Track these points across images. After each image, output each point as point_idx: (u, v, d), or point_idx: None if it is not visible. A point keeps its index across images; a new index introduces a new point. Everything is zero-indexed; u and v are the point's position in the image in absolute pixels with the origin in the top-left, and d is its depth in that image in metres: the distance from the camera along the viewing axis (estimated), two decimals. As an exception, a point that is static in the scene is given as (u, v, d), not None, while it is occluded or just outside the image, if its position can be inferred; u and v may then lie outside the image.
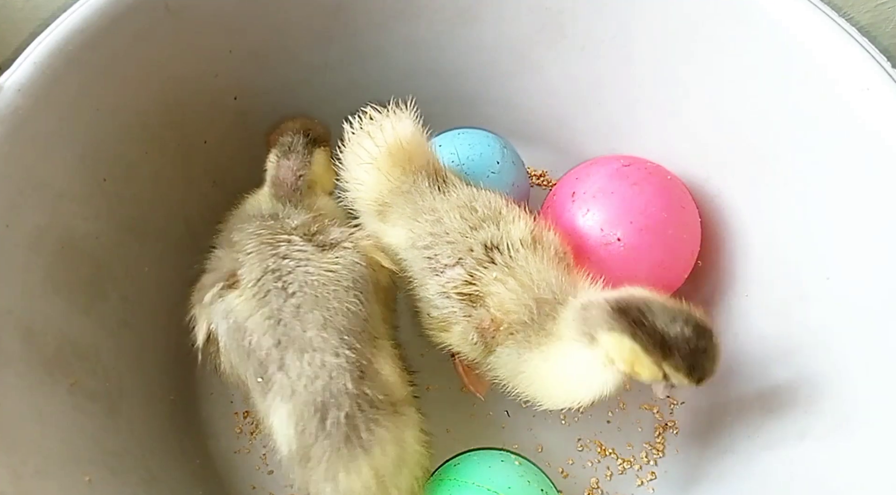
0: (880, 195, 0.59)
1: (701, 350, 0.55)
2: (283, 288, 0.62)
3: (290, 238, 0.65)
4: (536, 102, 0.92)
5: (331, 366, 0.59)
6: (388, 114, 0.71)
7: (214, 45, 0.77)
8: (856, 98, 0.60)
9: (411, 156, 0.70)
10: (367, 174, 0.71)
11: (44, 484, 0.55)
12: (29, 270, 0.61)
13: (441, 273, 0.65)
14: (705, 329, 0.56)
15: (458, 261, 0.65)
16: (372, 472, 0.57)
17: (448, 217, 0.67)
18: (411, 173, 0.70)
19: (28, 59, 0.62)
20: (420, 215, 0.68)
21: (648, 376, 0.57)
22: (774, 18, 0.66)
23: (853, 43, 0.61)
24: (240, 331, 0.61)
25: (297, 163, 0.72)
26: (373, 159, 0.70)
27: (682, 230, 0.75)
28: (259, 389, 0.61)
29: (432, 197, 0.69)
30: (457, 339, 0.66)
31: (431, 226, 0.67)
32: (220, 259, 0.67)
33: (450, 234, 0.66)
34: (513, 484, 0.64)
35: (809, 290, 0.66)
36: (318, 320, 0.60)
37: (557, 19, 0.81)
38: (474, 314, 0.64)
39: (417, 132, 0.71)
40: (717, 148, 0.77)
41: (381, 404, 0.59)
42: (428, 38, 0.87)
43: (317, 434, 0.57)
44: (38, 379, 0.60)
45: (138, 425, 0.70)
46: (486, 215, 0.67)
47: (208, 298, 0.63)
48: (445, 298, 0.65)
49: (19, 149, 0.60)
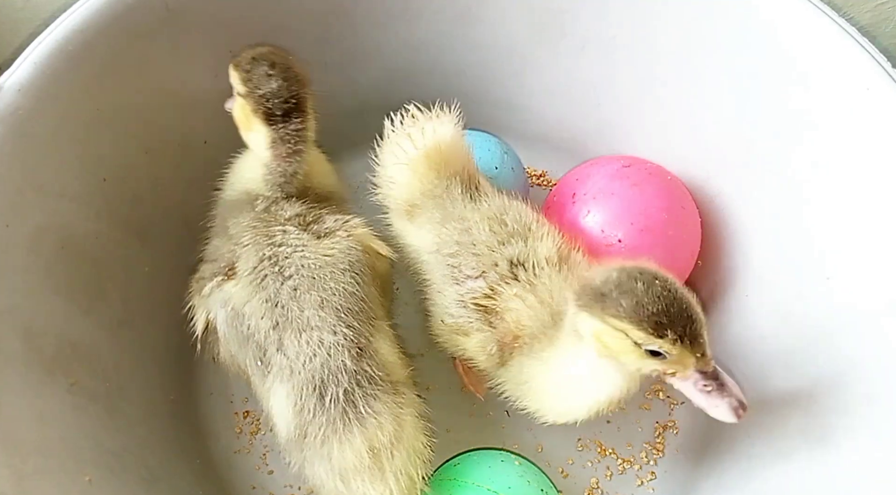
0: (880, 195, 0.59)
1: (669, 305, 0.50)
2: (280, 271, 0.62)
3: (286, 228, 0.65)
4: (536, 102, 0.92)
5: (329, 343, 0.59)
6: (430, 115, 0.70)
7: (214, 45, 0.77)
8: (856, 98, 0.60)
9: (448, 160, 0.69)
10: (402, 174, 0.70)
11: (44, 484, 0.55)
12: (29, 270, 0.61)
13: (462, 282, 0.65)
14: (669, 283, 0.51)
15: (481, 274, 0.64)
16: (366, 444, 0.57)
17: (477, 228, 0.66)
18: (445, 178, 0.69)
19: (28, 59, 0.62)
20: (449, 222, 0.67)
21: (629, 357, 0.53)
22: (774, 18, 0.66)
23: (853, 43, 0.61)
24: (238, 318, 0.62)
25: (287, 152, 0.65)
26: (409, 160, 0.69)
27: (682, 230, 0.75)
28: (259, 374, 0.62)
29: (463, 204, 0.68)
30: (474, 348, 0.65)
31: (459, 235, 0.66)
32: (218, 249, 0.66)
33: (476, 246, 0.65)
34: (513, 484, 0.64)
35: (809, 290, 0.66)
36: (316, 300, 0.61)
37: (558, 19, 0.81)
38: (499, 326, 0.63)
39: (457, 135, 0.70)
40: (718, 148, 0.77)
41: (379, 381, 0.59)
42: (428, 38, 0.87)
43: (315, 411, 0.58)
44: (38, 379, 0.59)
45: (138, 425, 0.69)
46: (515, 230, 0.66)
47: (207, 290, 0.64)
48: (462, 308, 0.64)
49: (19, 149, 0.60)
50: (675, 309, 0.50)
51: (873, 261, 0.60)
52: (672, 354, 0.51)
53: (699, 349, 0.51)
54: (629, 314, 0.51)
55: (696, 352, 0.51)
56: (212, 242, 0.69)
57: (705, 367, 0.52)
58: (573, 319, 0.56)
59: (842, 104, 0.61)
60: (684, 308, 0.51)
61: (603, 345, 0.54)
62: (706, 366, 0.52)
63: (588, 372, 0.58)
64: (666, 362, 0.52)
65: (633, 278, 0.52)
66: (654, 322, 0.50)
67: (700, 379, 0.53)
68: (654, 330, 0.50)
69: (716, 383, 0.53)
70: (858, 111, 0.60)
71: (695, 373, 0.53)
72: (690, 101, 0.78)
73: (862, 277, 0.61)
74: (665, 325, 0.50)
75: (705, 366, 0.52)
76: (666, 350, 0.51)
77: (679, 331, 0.50)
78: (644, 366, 0.53)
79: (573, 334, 0.57)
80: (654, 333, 0.50)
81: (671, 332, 0.50)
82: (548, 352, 0.60)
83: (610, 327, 0.52)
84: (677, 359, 0.52)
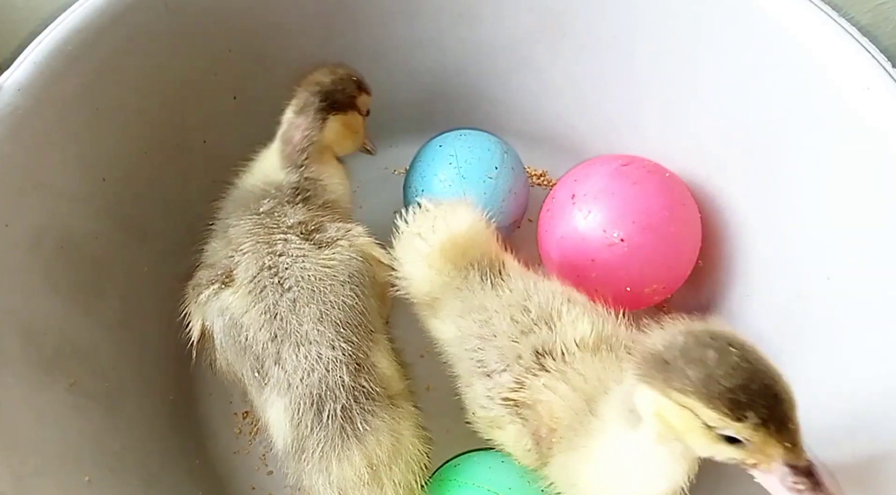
0: (881, 195, 0.59)
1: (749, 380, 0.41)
2: (280, 283, 0.62)
3: (287, 237, 0.65)
4: (536, 102, 0.92)
5: (327, 358, 0.59)
6: (443, 207, 0.68)
7: (214, 45, 0.77)
8: (856, 98, 0.60)
9: (465, 250, 0.66)
10: (418, 270, 0.67)
11: (44, 484, 0.55)
12: (28, 270, 0.61)
13: (488, 377, 0.60)
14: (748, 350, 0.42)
15: (505, 368, 0.59)
16: (365, 461, 0.57)
17: (497, 318, 0.61)
18: (463, 268, 0.65)
19: (28, 58, 0.62)
20: (468, 313, 0.63)
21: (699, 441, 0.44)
22: (774, 18, 0.66)
23: (853, 43, 0.61)
24: (236, 328, 0.62)
25: (307, 125, 0.70)
26: (424, 256, 0.66)
27: (683, 227, 0.75)
28: (256, 385, 0.61)
29: (483, 293, 0.64)
30: (510, 442, 0.61)
31: (479, 328, 0.62)
32: (217, 252, 0.66)
33: (498, 338, 0.60)
34: (513, 484, 0.64)
35: (810, 290, 0.66)
36: (315, 314, 0.61)
37: (558, 19, 0.81)
38: (530, 419, 0.57)
39: (476, 222, 0.67)
40: (718, 147, 0.77)
41: (377, 396, 0.59)
42: (428, 37, 0.87)
43: (312, 426, 0.57)
44: (37, 379, 0.59)
45: (138, 425, 0.69)
46: (539, 316, 0.60)
47: (203, 298, 0.64)
48: (491, 401, 0.60)
49: (19, 149, 0.60)
50: (757, 384, 0.41)
51: (873, 260, 0.60)
52: (753, 442, 0.41)
53: (788, 437, 0.41)
54: (698, 389, 0.41)
55: (783, 442, 0.41)
56: (210, 244, 0.68)
57: (796, 461, 0.42)
58: (629, 396, 0.48)
59: (842, 104, 0.61)
60: (768, 384, 0.41)
61: (666, 426, 0.45)
62: (797, 459, 0.42)
63: (645, 463, 0.49)
64: (745, 450, 0.42)
65: (702, 344, 0.42)
66: (730, 400, 0.41)
67: (789, 474, 0.42)
68: (729, 410, 0.41)
69: (810, 481, 0.42)
70: (858, 111, 0.60)
71: (782, 467, 0.43)
72: (691, 101, 0.78)
73: (862, 277, 0.61)
74: (744, 405, 0.40)
75: (796, 459, 0.42)
76: (745, 436, 0.41)
77: (762, 413, 0.40)
78: (717, 454, 0.44)
79: (623, 417, 0.49)
80: (730, 415, 0.41)
81: (752, 415, 0.40)
82: (590, 444, 0.53)
83: (674, 403, 0.43)
84: (759, 447, 0.42)
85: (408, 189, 0.85)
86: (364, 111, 0.75)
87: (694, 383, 0.42)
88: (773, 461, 0.42)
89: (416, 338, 0.76)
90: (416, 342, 0.76)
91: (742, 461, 0.44)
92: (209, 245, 0.69)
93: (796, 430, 0.42)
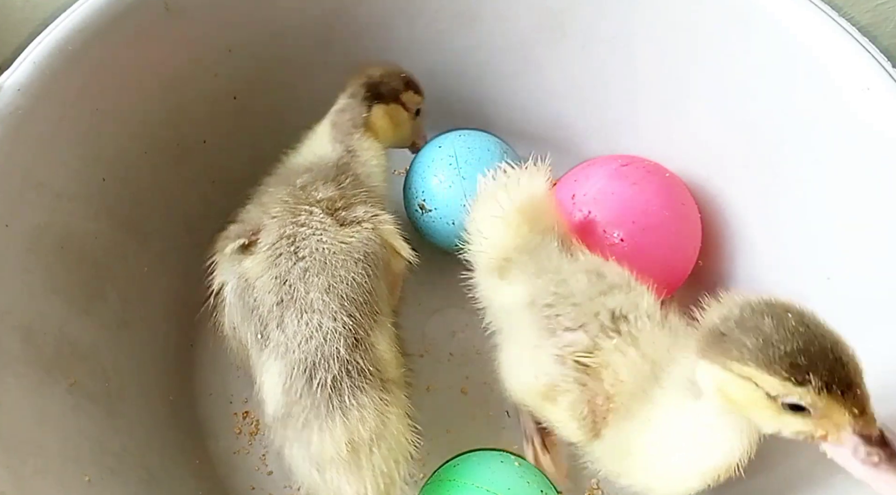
0: (881, 195, 0.59)
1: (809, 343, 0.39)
2: (294, 252, 0.63)
3: (312, 209, 0.66)
4: (536, 102, 0.92)
5: (327, 328, 0.59)
6: (524, 169, 0.69)
7: (214, 45, 0.77)
8: (856, 98, 0.60)
9: (541, 214, 0.66)
10: (495, 228, 0.67)
11: (44, 484, 0.55)
12: (28, 270, 0.61)
13: (559, 335, 0.59)
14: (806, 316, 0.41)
15: (580, 326, 0.58)
16: (346, 436, 0.56)
17: (574, 279, 0.61)
18: (539, 232, 0.66)
19: (28, 58, 0.62)
20: (543, 274, 0.63)
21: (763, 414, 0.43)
22: (775, 18, 0.66)
23: (853, 43, 0.61)
24: (248, 289, 0.63)
25: (354, 108, 0.76)
26: (503, 214, 0.66)
27: (683, 226, 0.75)
28: (256, 347, 0.62)
29: (560, 257, 0.64)
30: (563, 413, 0.58)
31: (556, 286, 0.61)
32: (249, 213, 0.69)
33: (575, 296, 0.60)
34: (512, 484, 0.64)
35: (810, 290, 0.66)
36: (323, 284, 0.61)
37: (558, 18, 0.81)
38: (589, 385, 0.56)
39: (550, 192, 0.68)
40: (718, 148, 0.77)
41: (370, 376, 0.59)
42: (428, 38, 0.87)
43: (302, 392, 0.58)
44: (37, 379, 0.59)
45: (138, 425, 0.69)
46: (614, 282, 0.60)
47: (229, 250, 0.65)
48: (560, 364, 0.58)
49: (19, 149, 0.60)
50: (817, 347, 0.39)
51: (873, 260, 0.60)
52: (818, 408, 0.40)
53: (856, 403, 0.39)
54: (756, 356, 0.40)
55: (851, 407, 0.40)
56: (247, 207, 0.70)
57: (867, 429, 0.40)
58: (691, 371, 0.47)
59: (842, 104, 0.61)
60: (829, 347, 0.39)
61: (729, 402, 0.44)
62: (868, 427, 0.40)
63: (705, 434, 0.48)
64: (812, 420, 0.41)
65: (758, 313, 0.42)
66: (790, 364, 0.39)
67: (861, 444, 0.40)
68: (789, 374, 0.39)
69: (885, 451, 0.40)
70: (859, 111, 0.60)
71: (853, 437, 0.40)
72: (691, 101, 0.78)
73: (862, 277, 0.61)
74: (805, 368, 0.39)
75: (867, 427, 0.40)
76: (809, 402, 0.39)
77: (824, 376, 0.39)
78: (784, 427, 0.42)
79: (687, 389, 0.49)
80: (791, 380, 0.39)
81: (814, 377, 0.39)
82: (650, 412, 0.52)
83: (734, 375, 0.42)
84: (825, 414, 0.40)
85: (408, 189, 0.85)
86: (411, 109, 0.81)
87: (752, 351, 0.41)
88: (842, 430, 0.41)
89: (417, 338, 0.76)
90: (417, 342, 0.76)
91: (810, 434, 0.42)
92: (246, 207, 0.70)
93: (864, 396, 0.40)
